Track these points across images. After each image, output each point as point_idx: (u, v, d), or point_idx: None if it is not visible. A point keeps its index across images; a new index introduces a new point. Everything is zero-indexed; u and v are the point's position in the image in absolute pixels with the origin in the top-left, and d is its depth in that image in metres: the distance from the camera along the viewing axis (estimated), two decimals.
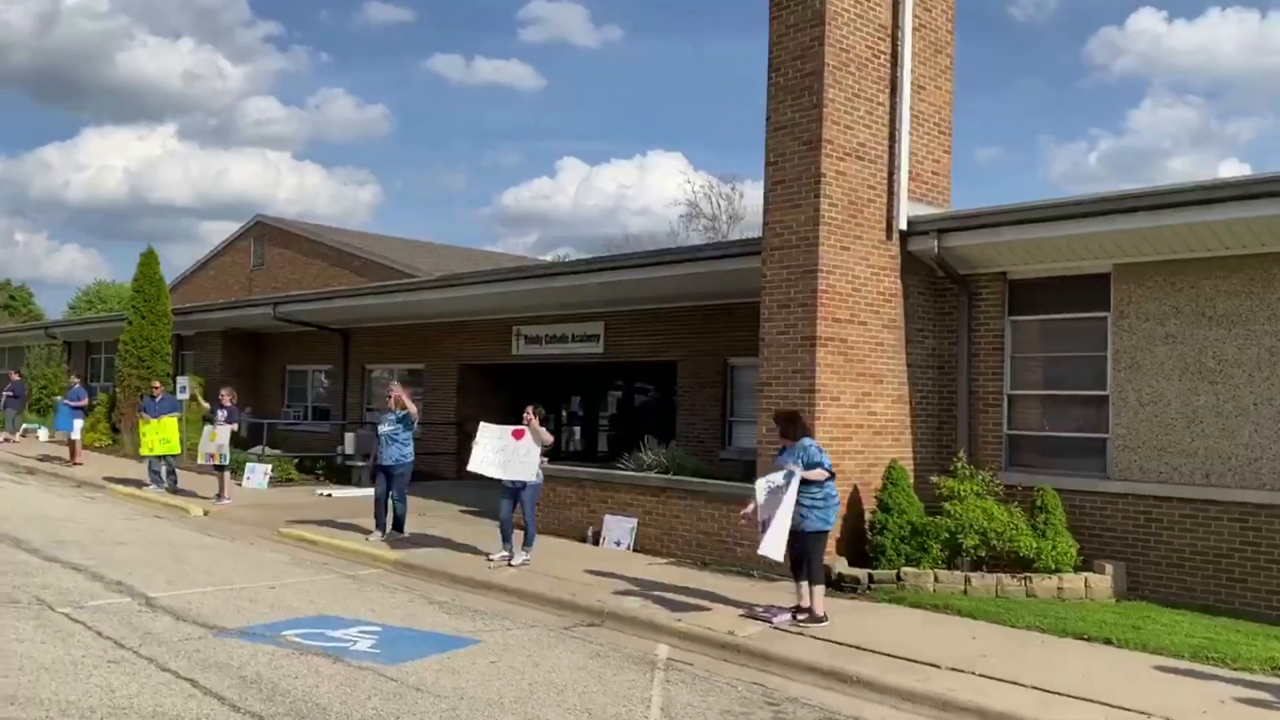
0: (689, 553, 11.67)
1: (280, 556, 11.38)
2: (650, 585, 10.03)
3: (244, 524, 13.88)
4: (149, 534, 12.29)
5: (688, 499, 11.81)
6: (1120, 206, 10.20)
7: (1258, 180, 9.34)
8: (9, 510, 13.52)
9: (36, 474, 19.61)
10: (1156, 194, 10.05)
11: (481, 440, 11.22)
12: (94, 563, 9.70)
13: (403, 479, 12.50)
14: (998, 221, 11.03)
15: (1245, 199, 9.35)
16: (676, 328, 16.42)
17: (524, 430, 11.06)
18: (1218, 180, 10.00)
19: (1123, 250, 10.58)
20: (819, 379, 10.69)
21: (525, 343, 19.26)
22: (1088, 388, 11.09)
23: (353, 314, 21.94)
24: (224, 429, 15.64)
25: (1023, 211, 10.90)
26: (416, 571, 10.85)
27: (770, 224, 11.19)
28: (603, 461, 17.29)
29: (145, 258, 25.26)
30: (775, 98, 11.24)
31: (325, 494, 17.01)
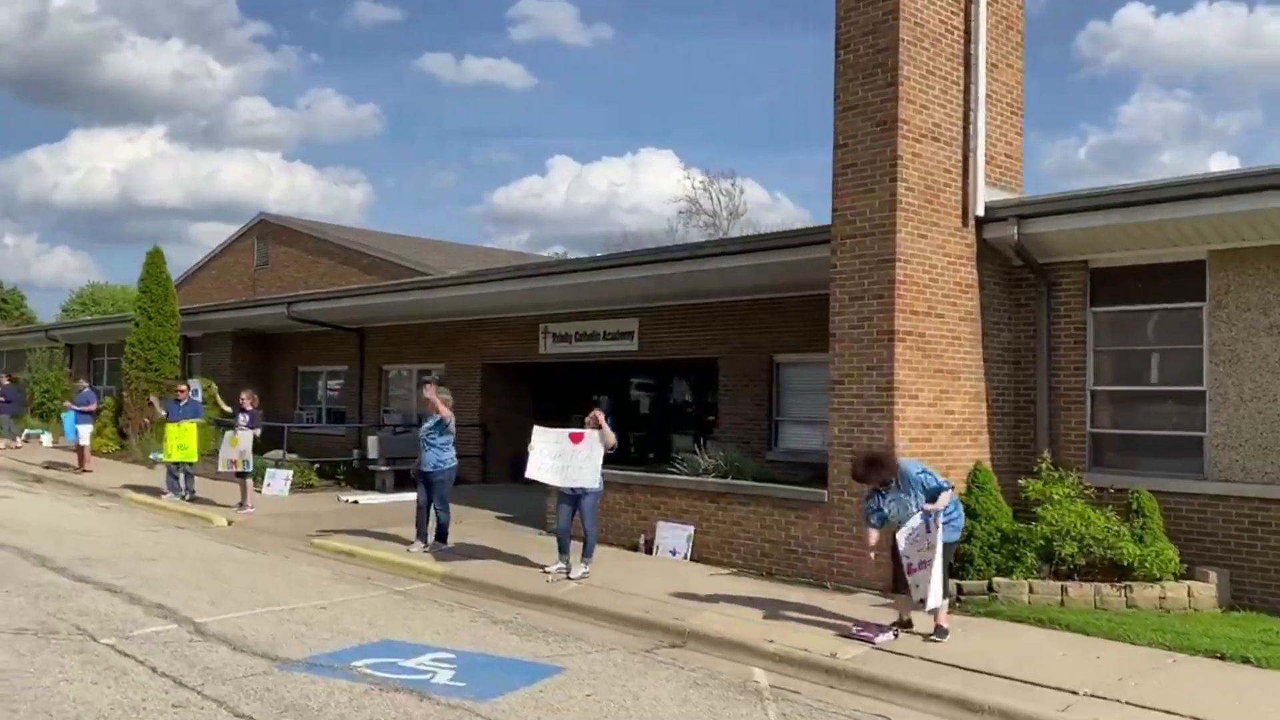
0: (752, 562, 10.98)
1: (319, 571, 10.66)
2: (722, 599, 9.34)
3: (272, 534, 13.15)
4: (176, 547, 11.56)
5: (750, 505, 11.11)
6: (1220, 189, 9.51)
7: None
8: (26, 522, 12.78)
9: (45, 482, 18.85)
10: (1260, 175, 9.36)
11: (537, 445, 10.51)
12: (127, 582, 8.97)
13: (444, 486, 11.78)
14: (1085, 206, 10.34)
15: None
16: (718, 324, 15.71)
17: (582, 434, 10.35)
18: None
19: (1221, 235, 9.90)
20: (897, 376, 10.00)
21: (553, 341, 18.53)
22: (1180, 383, 10.41)
23: (370, 313, 21.20)
24: (245, 434, 14.90)
25: (1113, 195, 10.21)
26: (468, 586, 10.14)
27: (840, 211, 10.50)
28: (636, 464, 16.58)
29: (151, 257, 24.49)
30: (844, 76, 10.56)
31: (351, 501, 16.28)
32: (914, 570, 7.83)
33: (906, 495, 7.96)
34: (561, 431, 10.55)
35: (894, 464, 8.09)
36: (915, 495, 7.93)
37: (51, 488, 18.00)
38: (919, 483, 7.96)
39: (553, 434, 10.54)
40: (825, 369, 14.54)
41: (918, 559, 7.81)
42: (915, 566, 7.81)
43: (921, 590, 7.81)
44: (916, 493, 7.93)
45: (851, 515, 10.16)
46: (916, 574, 7.81)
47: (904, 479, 7.99)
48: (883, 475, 8.00)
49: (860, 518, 8.80)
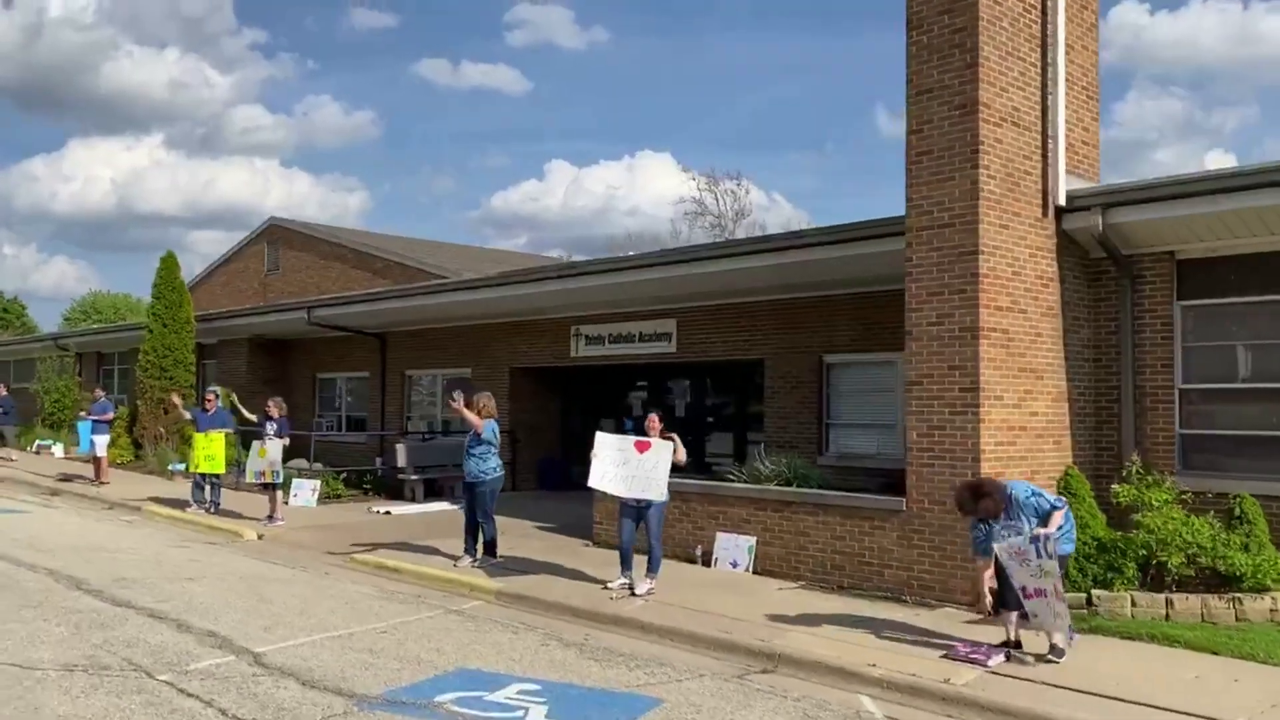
0: (822, 575, 10.37)
1: (365, 589, 10.05)
2: (801, 617, 8.74)
3: (306, 549, 12.54)
4: (211, 565, 10.95)
5: (820, 514, 10.50)
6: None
7: None
8: (50, 540, 12.17)
9: (62, 495, 18.25)
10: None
11: (601, 453, 9.90)
12: (171, 607, 8.36)
13: (486, 496, 11.15)
14: (1177, 193, 9.73)
15: None
16: (763, 323, 15.10)
17: (649, 443, 9.74)
18: None
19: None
20: (982, 376, 9.38)
21: (586, 343, 17.92)
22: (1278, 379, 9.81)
23: (393, 316, 20.57)
24: (274, 444, 14.30)
25: (1207, 181, 9.61)
26: (525, 604, 9.52)
27: (915, 202, 9.88)
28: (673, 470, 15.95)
29: (165, 263, 23.90)
30: (918, 58, 9.94)
31: (383, 511, 15.67)
32: (1030, 596, 7.22)
33: (1018, 521, 7.35)
34: (626, 439, 9.95)
35: (1001, 491, 7.47)
36: (1027, 520, 7.33)
37: (69, 501, 17.39)
38: (1031, 507, 7.37)
39: (616, 440, 9.94)
40: (880, 369, 14.03)
41: (1032, 584, 7.19)
42: (1031, 592, 7.20)
43: (1042, 619, 7.22)
44: (1028, 517, 7.33)
45: (932, 525, 9.56)
46: (1034, 600, 7.20)
47: (1013, 505, 7.39)
48: (990, 506, 7.37)
49: (971, 546, 8.19)
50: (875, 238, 11.87)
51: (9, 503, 16.58)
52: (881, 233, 11.62)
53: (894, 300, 13.50)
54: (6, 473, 21.68)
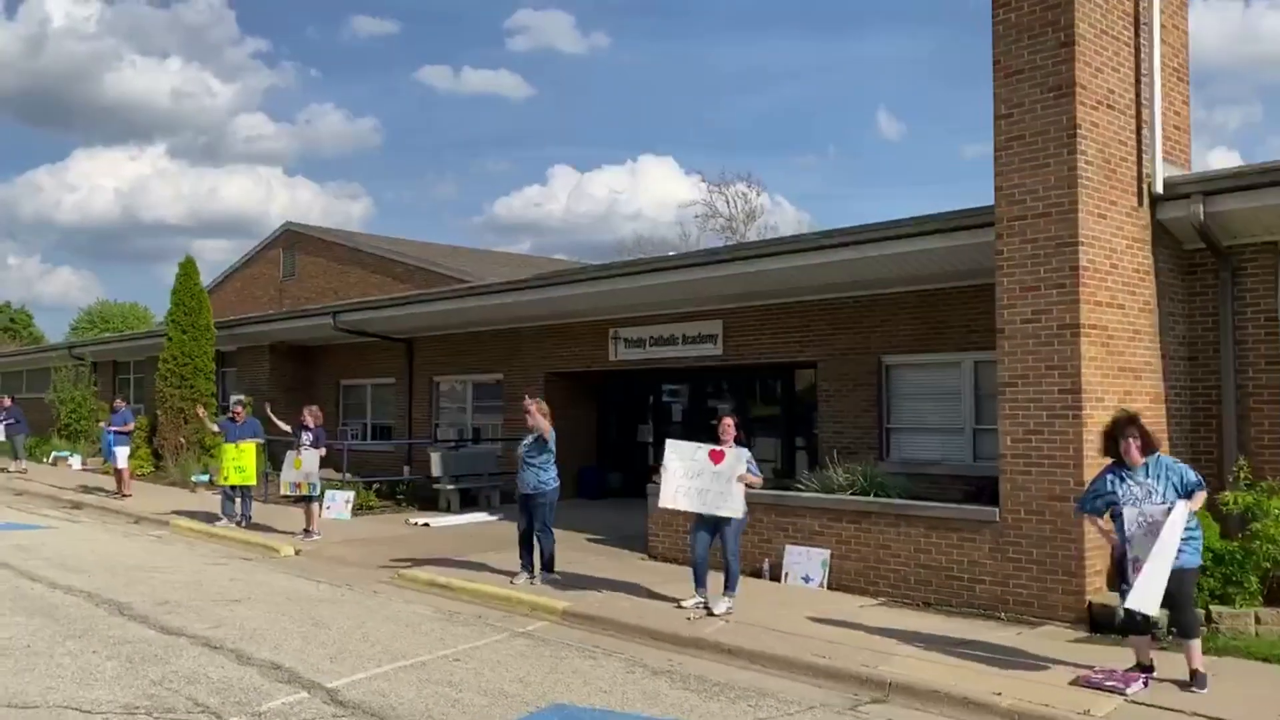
0: (905, 591, 9.74)
1: (421, 609, 9.44)
2: (896, 637, 8.12)
3: (349, 565, 11.93)
4: (255, 585, 10.34)
5: (902, 525, 9.86)
6: None
7: None
8: (81, 558, 11.57)
9: (84, 508, 17.67)
10: None
11: (671, 465, 9.28)
12: (224, 634, 7.74)
13: (546, 509, 10.53)
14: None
15: None
16: (816, 324, 14.46)
17: (723, 452, 9.11)
18: None
19: None
20: (1085, 376, 8.75)
21: (625, 346, 17.29)
22: None
23: (422, 321, 19.97)
24: (310, 454, 13.69)
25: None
26: (596, 625, 8.90)
27: (1005, 190, 9.26)
28: None
29: (184, 268, 23.34)
30: (1005, 38, 9.31)
31: (421, 524, 15.05)
32: (1139, 568, 6.52)
33: (1154, 481, 6.72)
34: (699, 447, 9.32)
35: (1152, 434, 6.89)
36: (1165, 484, 6.69)
37: (93, 515, 16.80)
38: (1177, 471, 6.75)
39: (688, 449, 9.31)
40: (945, 370, 13.38)
41: (1145, 553, 6.51)
42: (1142, 562, 6.51)
43: (1140, 595, 6.47)
44: (1168, 481, 6.70)
45: (1030, 536, 8.92)
46: (1143, 577, 6.49)
47: (1158, 461, 6.78)
48: (1140, 440, 6.74)
49: (1081, 501, 7.42)
50: (945, 231, 11.25)
51: (32, 517, 16.00)
52: (954, 225, 11.02)
53: (961, 297, 12.94)
54: (25, 485, 21.13)
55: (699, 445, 9.31)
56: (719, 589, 9.14)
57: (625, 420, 19.79)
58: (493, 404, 20.20)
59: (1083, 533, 8.62)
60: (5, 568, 10.55)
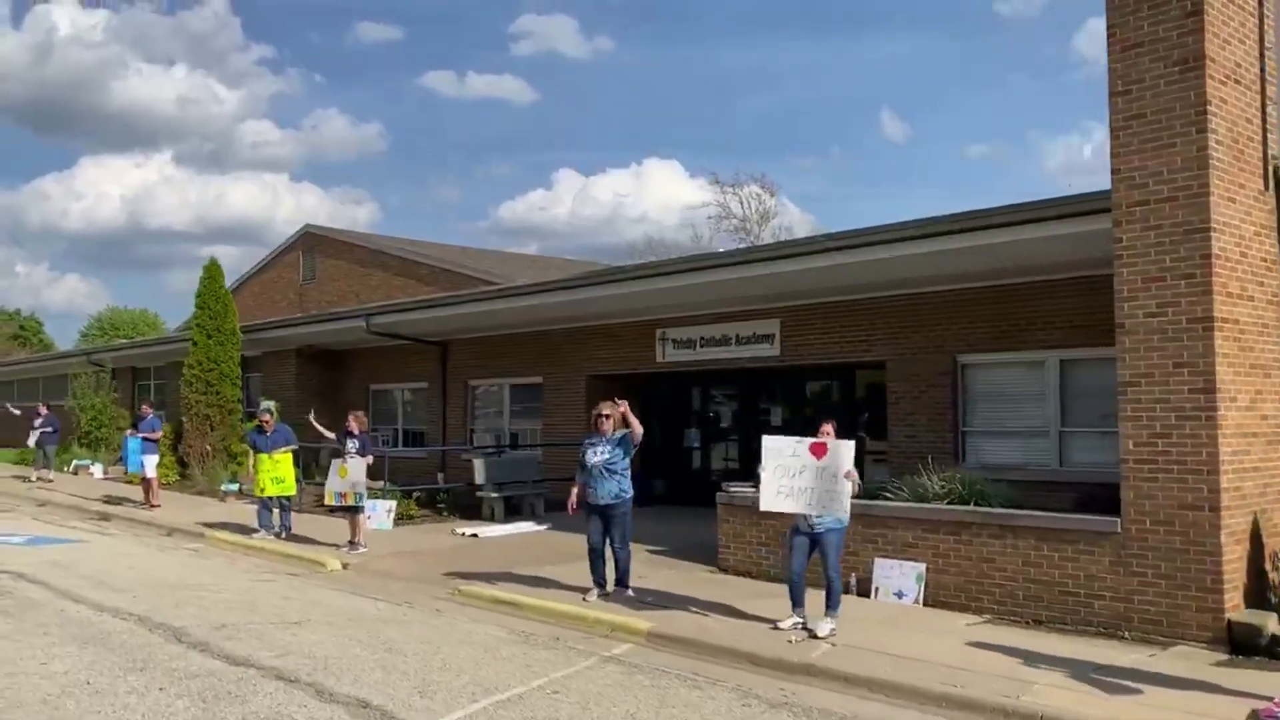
0: (1012, 608, 9.02)
1: (492, 629, 8.75)
2: (1018, 657, 7.46)
3: (402, 580, 11.26)
4: (311, 604, 9.66)
5: (1008, 537, 9.14)
6: None
7: None
8: (120, 575, 10.90)
9: (113, 520, 17.02)
10: None
11: (770, 463, 8.55)
12: (295, 664, 7.05)
13: (625, 520, 9.82)
14: None
15: None
16: (884, 321, 13.76)
17: (825, 444, 8.39)
18: None
19: None
20: (1219, 374, 8.03)
21: (674, 347, 16.62)
22: None
23: (460, 323, 19.30)
24: (357, 462, 13.01)
25: None
26: (687, 648, 8.20)
27: (1124, 173, 8.53)
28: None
29: (209, 270, 22.70)
30: (1122, 8, 8.60)
31: (469, 534, 14.36)
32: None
33: None
34: (797, 441, 8.55)
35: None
36: None
37: (122, 527, 16.14)
38: None
39: (786, 445, 8.54)
40: (1027, 370, 12.65)
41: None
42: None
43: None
44: None
45: (1157, 549, 8.21)
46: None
47: None
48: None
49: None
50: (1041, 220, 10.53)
51: (61, 530, 15.35)
52: (1055, 214, 10.29)
53: (1045, 291, 12.22)
54: (47, 495, 20.50)
55: (797, 439, 8.57)
56: (814, 608, 8.45)
57: (670, 425, 19.06)
58: (531, 407, 19.53)
59: (1219, 544, 7.91)
60: (44, 588, 9.88)
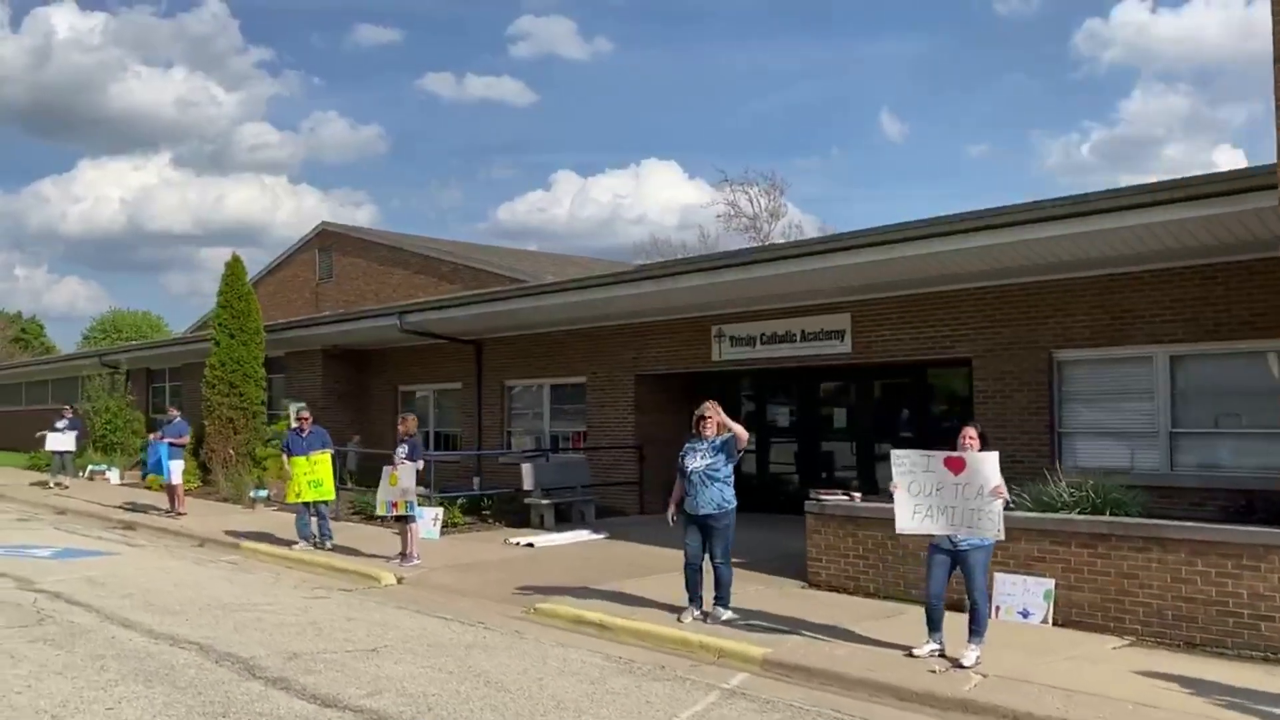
0: (1160, 629, 8.15)
1: (586, 656, 7.88)
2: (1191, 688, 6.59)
3: (466, 596, 10.38)
4: (378, 627, 8.78)
5: (1154, 550, 8.26)
6: None
7: None
8: (167, 594, 10.01)
9: (138, 529, 16.15)
10: None
11: (901, 479, 7.69)
12: (392, 705, 6.16)
13: (728, 532, 8.95)
14: None
15: None
16: (970, 314, 12.87)
17: (962, 458, 7.52)
18: None
19: None
20: None
21: (730, 345, 15.73)
22: None
23: (502, 320, 18.37)
24: (407, 469, 12.13)
25: None
26: (813, 678, 7.32)
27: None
28: (836, 485, 13.63)
29: (231, 267, 21.85)
30: None
31: (524, 544, 13.47)
32: None
33: None
34: (929, 455, 7.71)
35: None
36: None
37: (151, 537, 15.26)
38: None
39: (918, 460, 7.70)
40: (1134, 367, 11.68)
41: None
42: None
43: None
44: None
45: None
46: None
47: None
48: None
49: None
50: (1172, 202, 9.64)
51: (87, 540, 14.47)
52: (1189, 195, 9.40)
53: (1154, 282, 11.32)
54: (65, 502, 19.62)
55: (929, 453, 7.71)
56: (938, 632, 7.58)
57: None
58: (574, 408, 18.64)
59: None
60: (88, 610, 8.99)
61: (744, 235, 49.52)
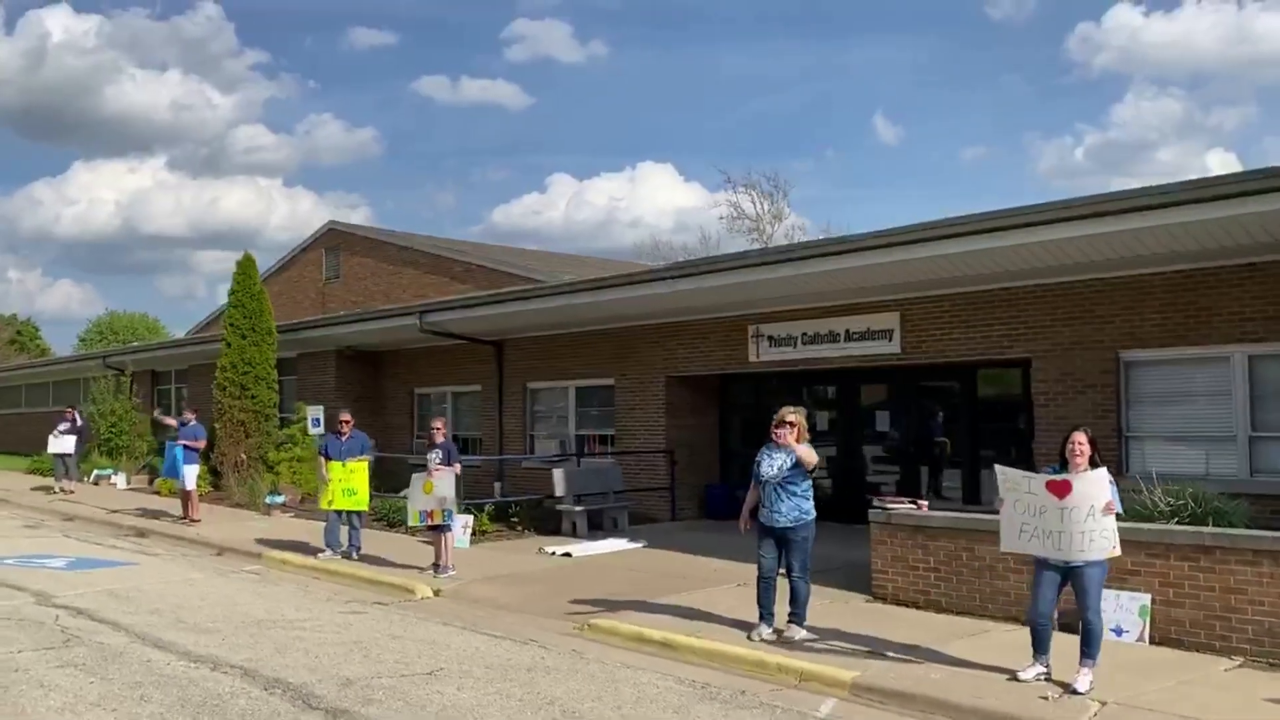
0: (1272, 648, 7.57)
1: (656, 679, 7.31)
2: None
3: (511, 611, 9.79)
4: (429, 647, 8.18)
5: (1264, 564, 7.68)
6: None
7: None
8: (196, 610, 9.39)
9: (151, 536, 15.54)
10: None
11: (1007, 496, 7.12)
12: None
13: (806, 546, 8.35)
14: None
15: None
16: (1029, 313, 12.29)
17: (1068, 481, 6.92)
18: None
19: None
20: None
21: (769, 345, 15.14)
22: None
23: (528, 320, 17.73)
24: (445, 475, 11.53)
25: None
26: (912, 705, 6.74)
27: None
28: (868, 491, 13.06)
29: (242, 266, 21.27)
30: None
31: (561, 553, 12.86)
32: None
33: None
34: (1029, 478, 7.14)
35: None
36: None
37: (166, 546, 14.63)
38: None
39: (1019, 482, 7.12)
40: (1209, 368, 11.08)
41: None
42: None
43: None
44: None
45: None
46: None
47: None
48: None
49: None
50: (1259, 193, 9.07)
51: (101, 549, 13.86)
52: None
53: (1231, 279, 10.73)
54: (72, 508, 18.99)
55: (1029, 475, 7.15)
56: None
57: (751, 430, 17.57)
58: (601, 412, 18.05)
59: None
60: (115, 629, 8.36)
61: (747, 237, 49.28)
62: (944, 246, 11.67)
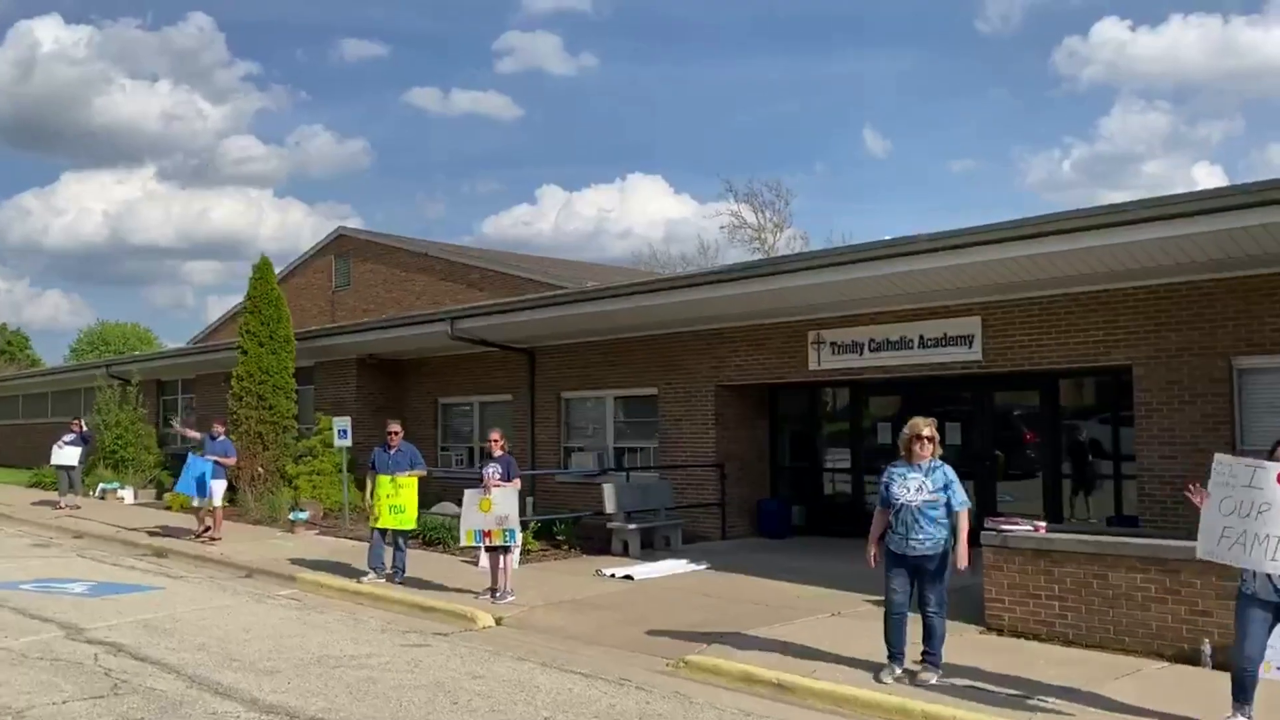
0: None
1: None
2: None
3: (586, 643, 8.88)
4: (515, 688, 7.25)
5: None
6: None
7: None
8: (243, 645, 8.42)
9: (171, 556, 14.56)
10: None
11: (1215, 492, 6.18)
12: None
13: (945, 576, 7.41)
14: None
15: None
16: (1130, 317, 11.41)
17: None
18: None
19: None
20: None
21: (831, 352, 14.24)
22: None
23: (567, 326, 16.83)
24: (505, 493, 10.58)
25: None
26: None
27: None
28: None
29: (259, 270, 20.24)
30: None
31: (620, 575, 11.91)
32: None
33: None
34: (1263, 467, 6.02)
35: None
36: None
37: (190, 567, 13.65)
38: None
39: (1243, 471, 6.05)
40: None
41: None
42: None
43: None
44: None
45: None
46: None
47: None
48: None
49: None
50: None
51: (120, 571, 12.87)
52: None
53: None
54: (79, 524, 17.97)
55: (1258, 464, 6.09)
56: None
57: (802, 442, 16.69)
58: (643, 423, 17.12)
59: None
60: (166, 670, 7.36)
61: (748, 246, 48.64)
62: (1044, 245, 10.81)
